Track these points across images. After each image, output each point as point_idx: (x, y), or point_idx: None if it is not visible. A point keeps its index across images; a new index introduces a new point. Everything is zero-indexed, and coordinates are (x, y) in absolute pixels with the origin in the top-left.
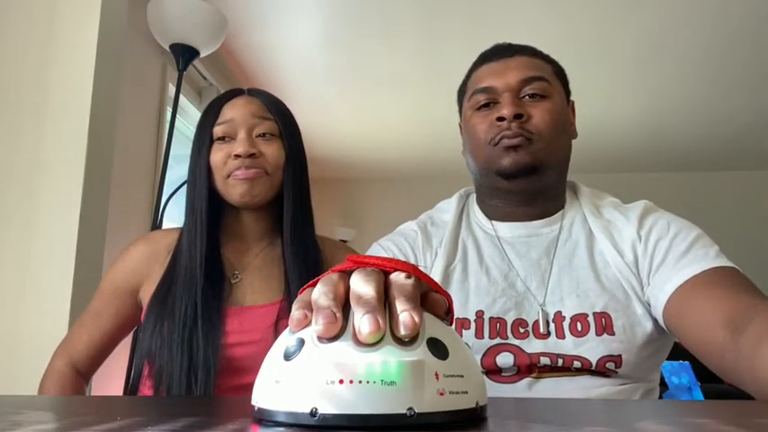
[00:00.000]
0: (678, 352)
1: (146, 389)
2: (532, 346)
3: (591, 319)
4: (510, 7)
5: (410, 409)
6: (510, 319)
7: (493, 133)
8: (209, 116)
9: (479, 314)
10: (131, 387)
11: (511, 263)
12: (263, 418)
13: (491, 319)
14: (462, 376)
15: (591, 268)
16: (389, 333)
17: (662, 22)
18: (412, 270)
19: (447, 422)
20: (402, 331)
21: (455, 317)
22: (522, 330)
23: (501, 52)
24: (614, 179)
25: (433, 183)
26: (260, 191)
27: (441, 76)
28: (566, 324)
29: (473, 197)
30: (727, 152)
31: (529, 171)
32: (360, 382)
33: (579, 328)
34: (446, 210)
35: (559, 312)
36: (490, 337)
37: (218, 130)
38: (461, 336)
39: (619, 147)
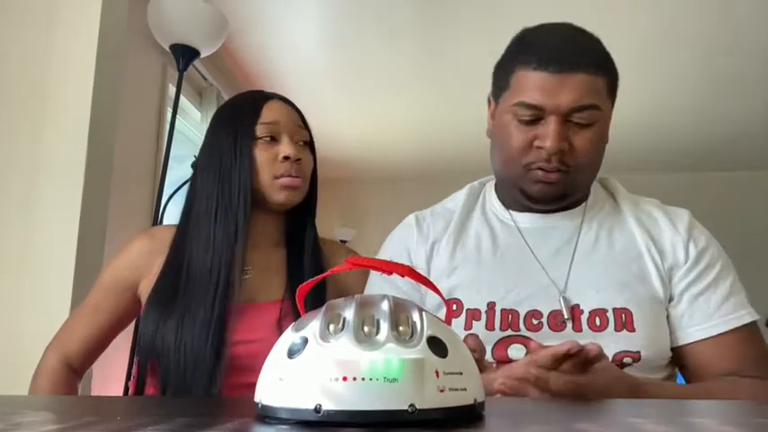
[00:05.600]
0: None
1: (147, 387)
2: (546, 338)
3: (610, 314)
4: (510, 9)
5: (411, 405)
6: (523, 310)
7: (530, 158)
8: (248, 113)
9: (491, 305)
10: (138, 385)
11: (529, 252)
12: (266, 414)
13: (503, 310)
14: (461, 373)
15: (612, 262)
16: (391, 332)
17: (663, 23)
18: (408, 272)
19: (446, 418)
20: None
21: (466, 307)
22: (535, 322)
23: (561, 61)
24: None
25: (433, 183)
26: (298, 198)
27: (440, 76)
28: (584, 317)
29: (490, 186)
30: (728, 152)
31: (556, 200)
32: (362, 379)
33: (598, 323)
34: (453, 201)
35: (577, 306)
36: (501, 329)
37: (262, 130)
38: (471, 327)
39: (619, 147)
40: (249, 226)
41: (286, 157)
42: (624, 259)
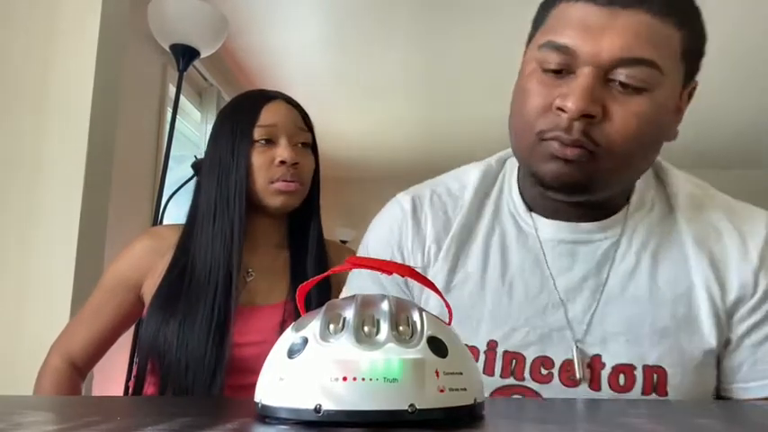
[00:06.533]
0: None
1: (147, 385)
2: (555, 392)
3: (639, 372)
4: (508, 10)
5: (411, 405)
6: (531, 355)
7: (545, 124)
8: (247, 115)
9: (491, 345)
10: (136, 384)
11: (549, 278)
12: (266, 414)
13: (506, 353)
14: (461, 374)
15: (651, 301)
16: (391, 332)
17: None
18: (409, 273)
19: (446, 418)
20: None
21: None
22: (544, 371)
23: None
24: None
25: None
26: (296, 202)
27: (440, 76)
28: (605, 373)
29: (511, 167)
30: (727, 152)
31: (576, 190)
32: (363, 379)
33: (622, 383)
34: (461, 183)
35: (599, 357)
36: (502, 376)
37: (260, 133)
38: None
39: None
40: (247, 228)
41: (282, 162)
42: (669, 297)
